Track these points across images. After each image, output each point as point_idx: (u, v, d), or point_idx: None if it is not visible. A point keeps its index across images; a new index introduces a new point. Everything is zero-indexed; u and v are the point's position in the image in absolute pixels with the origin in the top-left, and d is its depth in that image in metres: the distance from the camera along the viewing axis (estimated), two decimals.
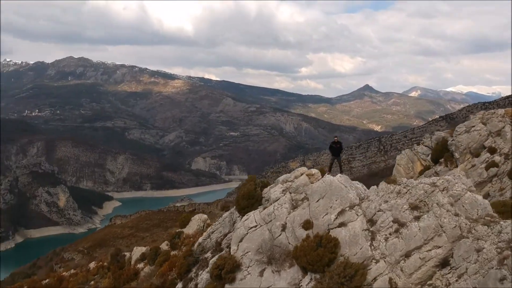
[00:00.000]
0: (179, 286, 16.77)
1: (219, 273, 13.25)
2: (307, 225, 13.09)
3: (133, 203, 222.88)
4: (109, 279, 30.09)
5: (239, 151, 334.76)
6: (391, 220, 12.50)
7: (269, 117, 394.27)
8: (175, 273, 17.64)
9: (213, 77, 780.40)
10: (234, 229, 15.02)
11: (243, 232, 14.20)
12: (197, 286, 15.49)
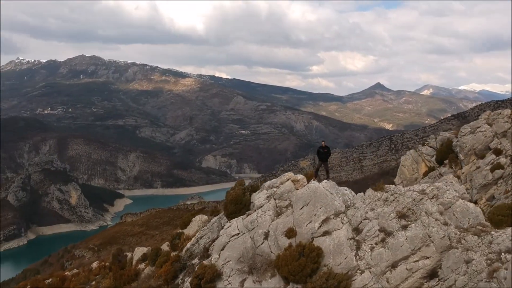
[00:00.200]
0: None
1: (198, 283, 12.77)
2: (290, 233, 12.60)
3: (144, 201, 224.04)
4: (110, 280, 30.01)
5: (249, 150, 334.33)
6: (378, 229, 12.00)
7: (280, 116, 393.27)
8: (161, 279, 17.23)
9: (224, 76, 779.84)
10: (217, 236, 14.54)
11: (225, 240, 13.73)
12: None
